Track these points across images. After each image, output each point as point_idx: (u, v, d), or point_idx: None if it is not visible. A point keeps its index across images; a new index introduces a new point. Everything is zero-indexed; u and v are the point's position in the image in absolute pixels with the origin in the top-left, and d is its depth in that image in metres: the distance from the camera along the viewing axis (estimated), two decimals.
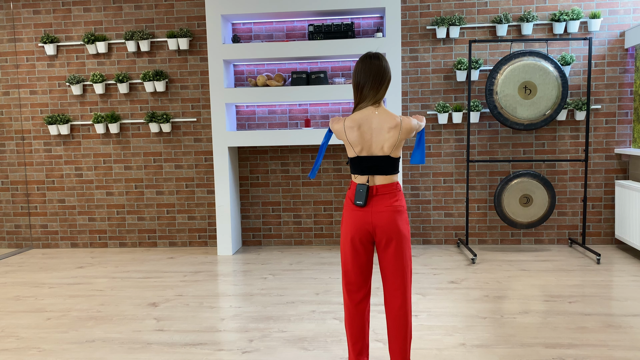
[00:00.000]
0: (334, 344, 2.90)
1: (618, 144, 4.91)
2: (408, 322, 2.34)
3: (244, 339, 3.00)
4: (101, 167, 5.35)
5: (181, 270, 4.49)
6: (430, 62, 5.00)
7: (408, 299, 2.33)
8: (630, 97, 4.85)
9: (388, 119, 2.28)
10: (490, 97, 4.65)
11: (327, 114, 5.11)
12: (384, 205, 2.29)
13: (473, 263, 4.47)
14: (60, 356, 2.84)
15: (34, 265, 4.79)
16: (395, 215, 2.29)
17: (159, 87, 5.11)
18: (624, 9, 4.78)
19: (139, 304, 3.66)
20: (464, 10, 4.92)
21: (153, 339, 3.04)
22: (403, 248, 2.31)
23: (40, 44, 5.22)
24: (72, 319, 3.40)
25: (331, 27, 4.76)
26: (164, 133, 5.26)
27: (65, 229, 5.46)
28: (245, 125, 5.22)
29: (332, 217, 5.24)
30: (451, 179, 5.08)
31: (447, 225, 5.14)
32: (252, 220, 5.32)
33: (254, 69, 5.16)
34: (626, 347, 2.77)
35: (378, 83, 2.30)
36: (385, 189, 2.30)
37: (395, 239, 2.29)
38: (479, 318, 3.23)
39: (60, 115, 5.24)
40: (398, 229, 2.29)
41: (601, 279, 3.96)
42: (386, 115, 2.29)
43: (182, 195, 5.32)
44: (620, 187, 4.71)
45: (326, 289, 3.86)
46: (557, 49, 4.86)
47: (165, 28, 5.16)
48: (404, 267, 2.31)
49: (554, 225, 5.04)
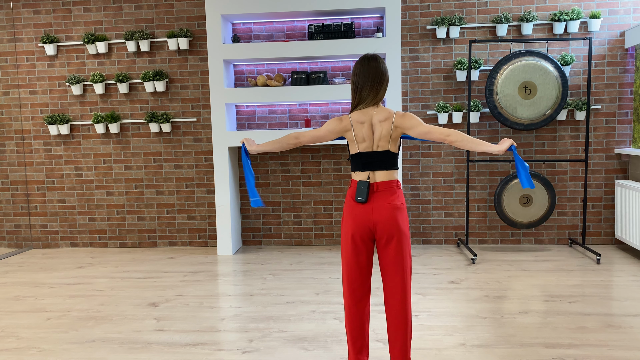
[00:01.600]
0: (334, 344, 2.90)
1: (618, 144, 4.91)
2: (408, 321, 2.34)
3: (244, 339, 3.00)
4: (101, 167, 5.35)
5: (181, 270, 4.49)
6: (430, 62, 5.00)
7: (408, 298, 2.33)
8: (630, 97, 4.85)
9: (384, 113, 2.33)
10: (490, 97, 4.65)
11: (327, 114, 5.11)
12: (385, 202, 2.30)
13: (473, 263, 4.47)
14: (60, 356, 2.84)
15: (34, 265, 4.79)
16: (396, 212, 2.30)
17: (159, 87, 5.11)
18: (624, 9, 4.78)
19: (139, 304, 3.66)
20: (464, 10, 4.92)
21: (153, 339, 3.04)
22: (403, 246, 2.31)
23: (40, 44, 5.22)
24: (72, 319, 3.40)
25: (331, 27, 4.76)
26: (164, 133, 5.26)
27: (65, 229, 5.46)
28: (245, 125, 5.22)
29: (332, 217, 5.24)
30: (451, 179, 5.08)
31: (447, 225, 5.14)
32: (252, 220, 5.32)
33: (254, 69, 5.16)
34: (626, 347, 2.77)
35: (377, 85, 2.33)
36: (386, 186, 2.32)
37: (396, 236, 2.30)
38: (479, 318, 3.23)
39: (60, 115, 5.24)
40: (398, 225, 2.30)
41: (601, 279, 3.96)
42: (382, 110, 2.34)
43: (182, 195, 5.32)
44: (620, 187, 4.71)
45: (326, 289, 3.86)
46: (557, 49, 4.86)
47: (165, 28, 5.15)
48: (404, 265, 2.31)
49: (554, 225, 5.04)
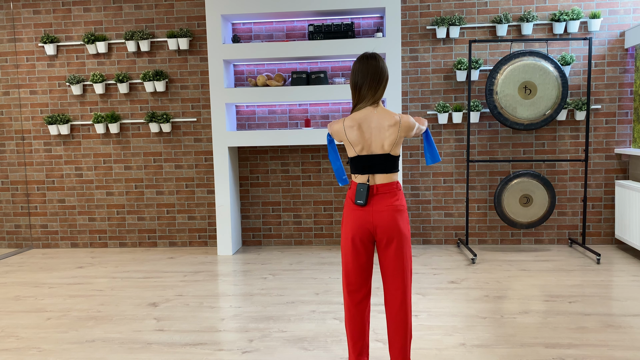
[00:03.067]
0: (334, 344, 2.90)
1: (618, 144, 4.91)
2: (408, 322, 2.34)
3: (244, 339, 3.00)
4: (101, 167, 5.35)
5: (181, 270, 4.49)
6: (430, 62, 5.00)
7: (408, 299, 2.33)
8: (630, 97, 4.85)
9: (387, 117, 2.29)
10: (490, 97, 4.65)
11: (327, 114, 5.11)
12: (385, 205, 2.29)
13: (473, 263, 4.47)
14: (60, 356, 2.84)
15: (34, 265, 4.79)
16: (396, 215, 2.29)
17: (159, 87, 5.11)
18: (624, 9, 4.78)
19: (139, 304, 3.66)
20: (464, 10, 4.92)
21: (153, 339, 3.04)
22: (403, 248, 2.31)
23: (40, 44, 5.22)
24: (72, 319, 3.40)
25: (331, 27, 4.76)
26: (164, 133, 5.26)
27: (65, 229, 5.46)
28: (245, 125, 5.22)
29: (332, 217, 5.24)
30: (451, 179, 5.08)
31: (447, 225, 5.14)
32: (252, 220, 5.32)
33: (254, 69, 5.16)
34: (626, 347, 2.77)
35: (376, 83, 2.30)
36: (386, 188, 2.30)
37: (396, 238, 2.29)
38: (479, 318, 3.23)
39: (60, 115, 5.24)
40: (399, 228, 2.29)
41: (601, 279, 3.96)
42: (385, 114, 2.30)
43: (182, 195, 5.32)
44: (620, 187, 4.71)
45: (326, 289, 3.86)
46: (557, 49, 4.86)
47: (165, 28, 5.16)
48: (404, 267, 2.31)
49: (554, 225, 5.04)
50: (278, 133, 4.81)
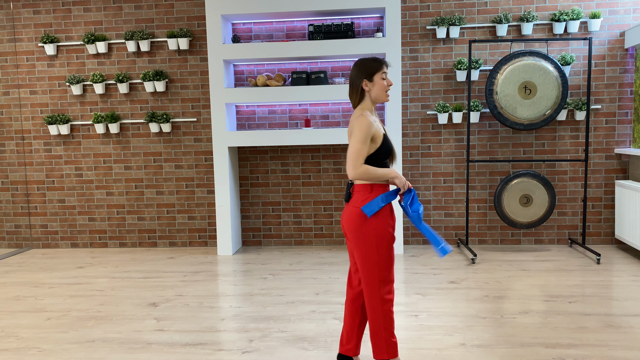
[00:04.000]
0: (334, 343, 2.90)
1: (618, 144, 4.91)
2: (371, 318, 2.35)
3: (244, 339, 3.00)
4: (101, 167, 5.35)
5: (181, 270, 4.49)
6: (430, 62, 5.00)
7: (371, 302, 2.34)
8: (630, 97, 4.85)
9: (352, 117, 2.36)
10: (490, 97, 4.65)
11: (327, 114, 5.12)
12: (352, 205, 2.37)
13: (473, 263, 4.47)
14: (60, 356, 2.84)
15: (34, 265, 4.79)
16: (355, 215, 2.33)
17: (159, 87, 5.11)
18: (624, 9, 4.78)
19: (139, 304, 3.66)
20: (464, 10, 4.92)
21: (153, 339, 3.04)
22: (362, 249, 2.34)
23: (40, 44, 5.22)
24: (72, 319, 3.40)
25: (331, 27, 4.76)
26: (164, 133, 5.26)
27: (65, 229, 5.46)
28: (245, 125, 5.22)
29: (332, 217, 5.24)
30: (451, 179, 5.08)
31: (447, 225, 5.14)
32: (252, 220, 5.32)
33: (254, 69, 5.16)
34: (626, 347, 2.77)
35: (350, 89, 2.40)
36: (357, 188, 2.36)
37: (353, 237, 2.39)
38: (479, 318, 3.23)
39: (60, 115, 5.24)
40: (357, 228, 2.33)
41: (601, 279, 3.96)
42: (353, 119, 2.34)
43: (182, 195, 5.32)
44: (620, 187, 4.71)
45: (326, 289, 3.86)
46: (557, 49, 4.86)
47: (165, 28, 5.16)
48: (365, 268, 2.32)
49: (554, 225, 5.04)
50: (278, 133, 4.81)
